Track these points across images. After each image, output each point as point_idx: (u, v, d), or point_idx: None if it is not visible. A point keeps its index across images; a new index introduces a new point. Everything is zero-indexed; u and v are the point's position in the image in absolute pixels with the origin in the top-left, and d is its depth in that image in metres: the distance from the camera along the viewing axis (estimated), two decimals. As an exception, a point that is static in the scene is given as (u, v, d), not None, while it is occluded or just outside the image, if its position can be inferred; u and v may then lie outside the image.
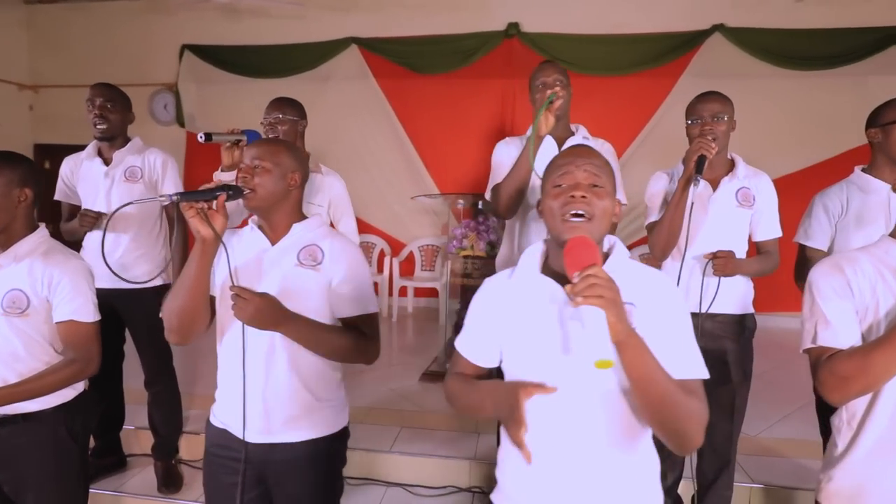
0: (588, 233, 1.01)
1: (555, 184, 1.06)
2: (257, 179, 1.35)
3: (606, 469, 1.04)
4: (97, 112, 2.18)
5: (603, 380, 1.01)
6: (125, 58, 5.79)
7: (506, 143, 2.04)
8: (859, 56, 4.73)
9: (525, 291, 1.11)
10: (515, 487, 1.11)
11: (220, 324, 1.40)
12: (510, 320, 1.11)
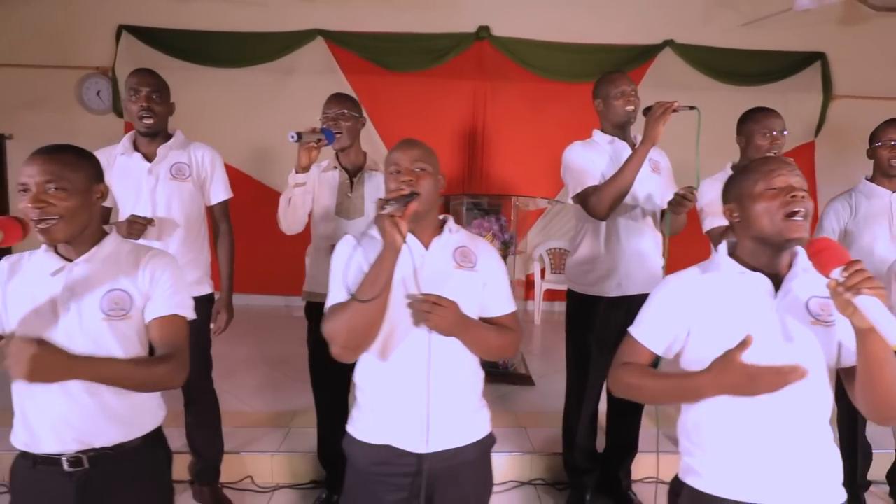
0: (806, 231, 1.12)
1: (769, 186, 1.15)
2: (423, 182, 1.31)
3: (810, 453, 1.15)
4: (143, 104, 1.93)
5: (816, 364, 1.12)
6: (43, 37, 5.11)
7: (584, 147, 2.11)
8: (783, 75, 5.39)
9: (727, 286, 1.19)
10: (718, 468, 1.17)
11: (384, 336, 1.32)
12: (712, 313, 1.18)
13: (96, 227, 1.31)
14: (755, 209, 1.15)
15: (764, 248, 1.18)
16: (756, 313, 1.15)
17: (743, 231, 1.20)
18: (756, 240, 1.18)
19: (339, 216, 2.04)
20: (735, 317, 1.16)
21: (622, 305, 2.03)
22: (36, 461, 1.22)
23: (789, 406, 1.11)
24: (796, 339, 1.13)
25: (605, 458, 2.25)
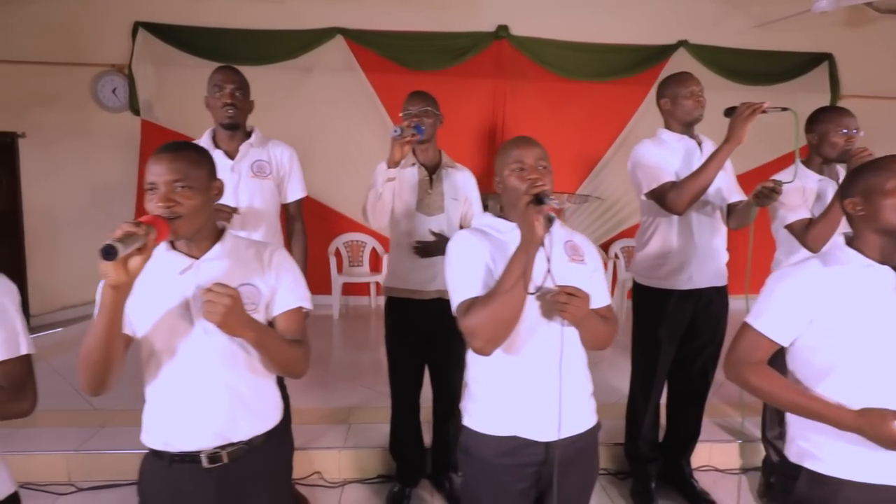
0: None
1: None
2: (546, 180, 1.34)
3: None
4: (227, 100, 1.94)
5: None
6: (56, 33, 5.01)
7: (655, 145, 2.15)
8: (792, 75, 5.54)
9: (853, 279, 1.24)
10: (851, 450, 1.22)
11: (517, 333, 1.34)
12: (837, 305, 1.23)
13: (213, 224, 1.32)
14: (885, 204, 1.21)
15: (891, 241, 1.24)
16: (882, 306, 1.21)
17: (867, 225, 1.25)
18: (883, 233, 1.24)
19: (420, 212, 2.07)
20: (860, 309, 1.21)
21: (692, 298, 2.09)
22: (172, 459, 1.23)
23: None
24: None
25: (666, 446, 2.32)
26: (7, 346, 1.23)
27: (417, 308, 2.05)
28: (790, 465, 1.34)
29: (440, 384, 2.15)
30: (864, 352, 1.21)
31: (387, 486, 2.28)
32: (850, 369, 1.22)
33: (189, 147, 1.29)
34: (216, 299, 1.08)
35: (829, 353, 1.24)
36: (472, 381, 1.44)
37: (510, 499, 1.38)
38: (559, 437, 1.32)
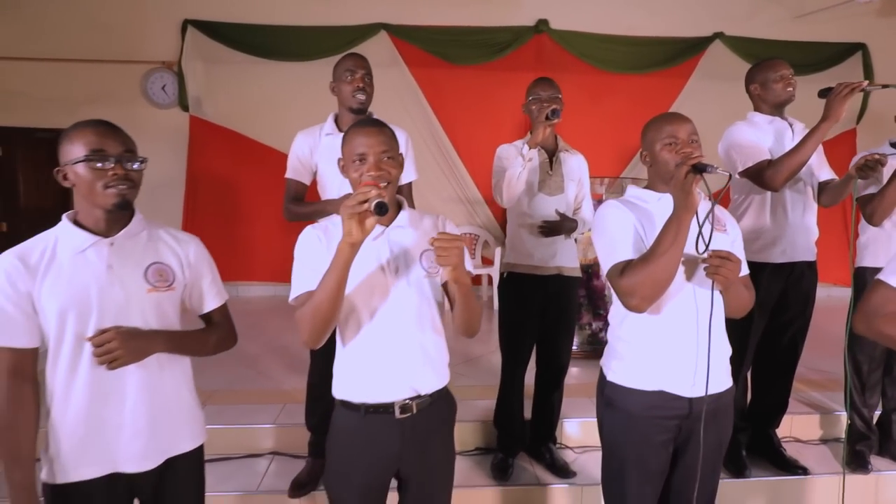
0: None
1: None
2: (699, 152, 1.43)
3: None
4: (360, 84, 2.03)
5: None
6: (108, 32, 5.13)
7: (749, 125, 2.25)
8: (827, 65, 5.61)
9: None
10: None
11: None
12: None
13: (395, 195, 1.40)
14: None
15: None
16: None
17: None
18: None
19: (542, 192, 2.16)
20: None
21: (784, 271, 2.19)
22: (367, 410, 1.32)
23: None
24: None
25: (754, 417, 2.41)
26: (220, 293, 1.43)
27: (537, 283, 2.15)
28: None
29: (549, 357, 2.24)
30: None
31: (485, 458, 2.37)
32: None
33: (384, 123, 1.38)
34: (449, 244, 1.18)
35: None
36: (618, 341, 1.54)
37: (653, 449, 1.47)
38: (706, 392, 1.42)
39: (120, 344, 1.17)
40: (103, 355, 1.17)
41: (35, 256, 1.22)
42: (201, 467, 1.42)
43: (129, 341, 1.19)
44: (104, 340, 1.17)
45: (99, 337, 1.17)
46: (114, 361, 1.18)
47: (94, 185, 1.22)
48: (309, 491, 2.12)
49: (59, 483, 1.22)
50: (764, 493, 2.27)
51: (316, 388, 2.14)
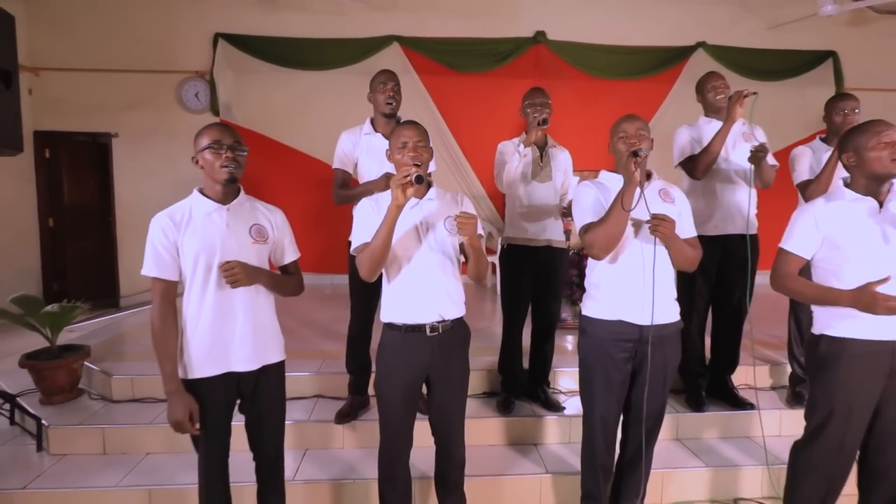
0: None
1: (881, 141, 1.80)
2: (644, 144, 1.95)
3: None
4: (390, 94, 2.55)
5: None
6: (146, 44, 5.67)
7: (688, 128, 2.80)
8: (800, 71, 6.13)
9: (847, 206, 1.84)
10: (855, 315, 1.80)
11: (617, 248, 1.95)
12: (840, 224, 1.83)
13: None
14: (869, 156, 1.81)
15: (873, 181, 1.84)
16: (865, 225, 1.80)
17: (858, 171, 1.85)
18: (868, 177, 1.84)
19: (535, 181, 2.68)
20: (852, 227, 1.81)
21: (718, 242, 2.69)
22: (406, 330, 1.84)
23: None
24: (892, 240, 1.79)
25: (712, 365, 2.92)
26: (295, 251, 1.94)
27: (530, 253, 2.67)
28: (813, 336, 1.94)
29: (542, 313, 2.75)
30: (854, 255, 1.81)
31: (492, 399, 2.88)
32: (848, 268, 1.81)
33: (418, 123, 1.90)
34: (467, 220, 1.71)
35: (835, 258, 1.84)
36: (590, 286, 2.05)
37: (614, 363, 1.98)
38: (652, 322, 1.93)
39: (240, 270, 1.69)
40: (230, 277, 1.69)
41: (178, 216, 1.75)
42: (284, 376, 1.93)
43: (246, 269, 1.71)
44: (230, 267, 1.68)
45: (227, 264, 1.69)
46: (236, 282, 1.69)
47: (214, 164, 1.74)
48: (350, 420, 2.64)
49: (189, 378, 1.74)
50: (719, 424, 2.77)
51: (355, 339, 2.66)
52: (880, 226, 1.82)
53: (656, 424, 2.10)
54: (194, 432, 1.73)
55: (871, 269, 1.79)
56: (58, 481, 2.33)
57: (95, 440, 2.57)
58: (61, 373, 2.78)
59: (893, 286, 1.72)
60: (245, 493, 1.99)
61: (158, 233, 1.72)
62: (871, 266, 1.79)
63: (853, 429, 1.87)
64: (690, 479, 2.48)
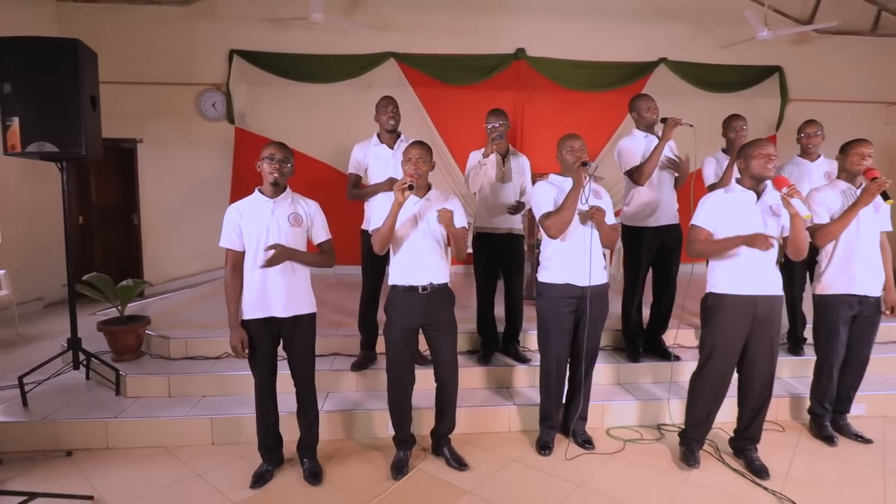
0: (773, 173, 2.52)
1: (761, 153, 2.54)
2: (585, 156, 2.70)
3: (772, 265, 2.56)
4: (391, 115, 3.27)
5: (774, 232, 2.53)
6: (168, 59, 6.35)
7: (629, 140, 3.50)
8: (750, 84, 6.93)
9: (736, 198, 2.59)
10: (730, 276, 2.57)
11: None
12: (730, 210, 2.58)
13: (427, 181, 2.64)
14: (752, 163, 2.56)
15: (754, 181, 2.58)
16: (747, 209, 2.56)
17: (745, 173, 2.59)
18: (751, 177, 2.59)
19: (498, 182, 3.41)
20: (738, 210, 2.57)
21: (660, 231, 3.44)
22: (405, 289, 2.56)
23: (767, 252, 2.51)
24: (767, 223, 2.54)
25: (648, 327, 3.67)
26: (327, 233, 2.63)
27: (495, 239, 3.40)
28: (705, 294, 2.69)
29: (509, 287, 3.48)
30: (737, 230, 2.55)
31: (473, 356, 3.62)
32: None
33: (424, 143, 2.62)
34: (444, 214, 2.45)
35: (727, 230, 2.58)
36: (545, 259, 2.79)
37: (563, 315, 2.73)
38: (589, 284, 2.68)
39: (279, 250, 2.41)
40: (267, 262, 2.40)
41: (242, 207, 2.48)
42: (314, 324, 2.62)
43: (283, 249, 2.43)
44: (273, 247, 2.40)
45: (272, 246, 2.40)
46: (275, 259, 2.41)
47: (266, 171, 2.46)
48: (362, 369, 3.36)
49: (244, 319, 2.47)
50: (651, 371, 3.53)
51: (366, 307, 3.38)
52: (754, 212, 2.57)
53: (593, 359, 2.87)
54: (244, 356, 2.46)
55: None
56: (139, 413, 3.04)
57: (162, 385, 3.27)
58: (130, 336, 3.48)
59: (760, 254, 2.48)
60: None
61: (229, 218, 2.45)
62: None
63: (729, 358, 2.64)
64: (625, 409, 3.23)
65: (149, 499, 2.45)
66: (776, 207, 2.54)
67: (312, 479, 2.58)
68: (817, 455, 2.90)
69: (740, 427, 2.78)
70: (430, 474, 2.67)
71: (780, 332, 2.69)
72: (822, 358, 3.00)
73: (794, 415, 3.33)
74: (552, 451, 2.87)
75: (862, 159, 2.87)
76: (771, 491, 2.52)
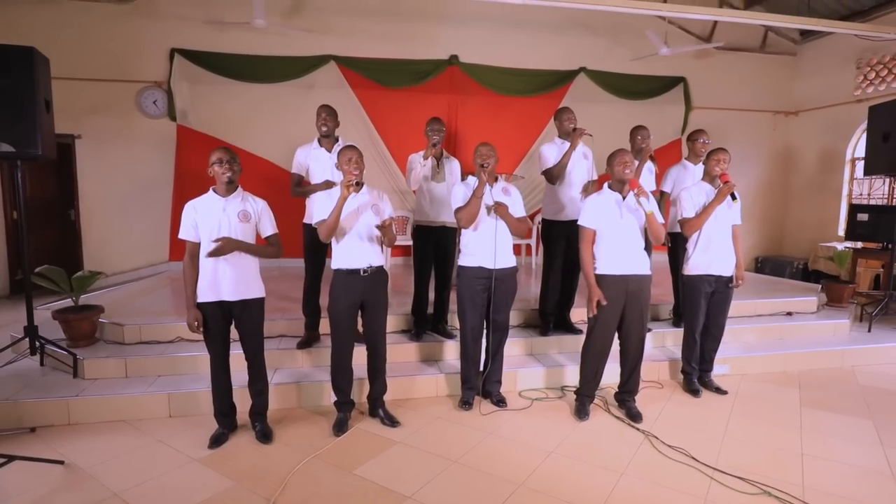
0: (630, 177, 3.14)
1: (621, 161, 3.16)
2: (490, 161, 3.25)
3: (640, 251, 3.19)
4: (323, 121, 3.67)
5: (635, 223, 3.16)
6: (107, 56, 6.42)
7: (550, 145, 4.07)
8: (659, 93, 7.75)
9: (605, 198, 3.20)
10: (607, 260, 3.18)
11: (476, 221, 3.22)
12: (603, 209, 3.19)
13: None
14: (614, 170, 3.16)
15: (617, 183, 3.19)
16: (613, 209, 3.16)
17: (613, 177, 3.20)
18: (615, 180, 3.20)
19: (433, 181, 3.88)
20: (608, 210, 3.17)
21: (565, 225, 4.03)
22: (348, 273, 3.00)
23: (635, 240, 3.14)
24: (627, 215, 3.16)
25: (558, 306, 4.27)
26: (273, 227, 2.99)
27: (431, 230, 3.87)
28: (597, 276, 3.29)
29: (440, 271, 3.97)
30: (606, 225, 3.16)
31: (406, 334, 4.10)
32: (603, 231, 3.17)
33: (356, 147, 3.05)
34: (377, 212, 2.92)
35: (601, 229, 3.19)
36: (463, 246, 3.31)
37: (476, 293, 3.27)
38: (495, 267, 3.22)
39: (224, 242, 2.79)
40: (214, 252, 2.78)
41: (199, 204, 2.84)
42: (262, 309, 3.00)
43: (228, 241, 2.80)
44: (219, 240, 2.78)
45: (218, 239, 2.78)
46: (219, 250, 2.78)
47: (219, 173, 2.84)
48: (307, 347, 3.77)
49: (199, 301, 2.84)
50: (558, 343, 4.14)
51: (310, 290, 3.79)
52: (619, 208, 3.18)
53: (505, 332, 3.42)
54: (199, 333, 2.84)
55: (613, 233, 3.15)
56: (99, 391, 3.33)
57: (119, 367, 3.56)
58: (86, 323, 3.72)
59: (626, 237, 3.10)
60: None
61: (187, 213, 2.82)
62: (613, 231, 3.15)
63: (610, 325, 3.25)
64: (535, 374, 3.81)
65: (117, 461, 2.78)
66: (634, 204, 3.16)
67: (264, 439, 2.99)
68: (684, 404, 3.58)
69: (622, 382, 3.41)
70: (367, 430, 3.14)
71: (650, 303, 3.32)
72: (688, 325, 3.69)
73: (672, 375, 4.02)
74: (472, 407, 3.40)
75: (718, 163, 3.55)
76: (641, 430, 3.16)
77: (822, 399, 3.69)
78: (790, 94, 8.30)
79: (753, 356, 4.21)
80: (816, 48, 7.96)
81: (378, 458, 2.82)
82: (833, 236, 7.56)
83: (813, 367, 4.29)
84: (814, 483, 2.60)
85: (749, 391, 3.81)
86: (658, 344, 4.30)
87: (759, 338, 4.55)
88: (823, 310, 5.22)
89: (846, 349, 4.39)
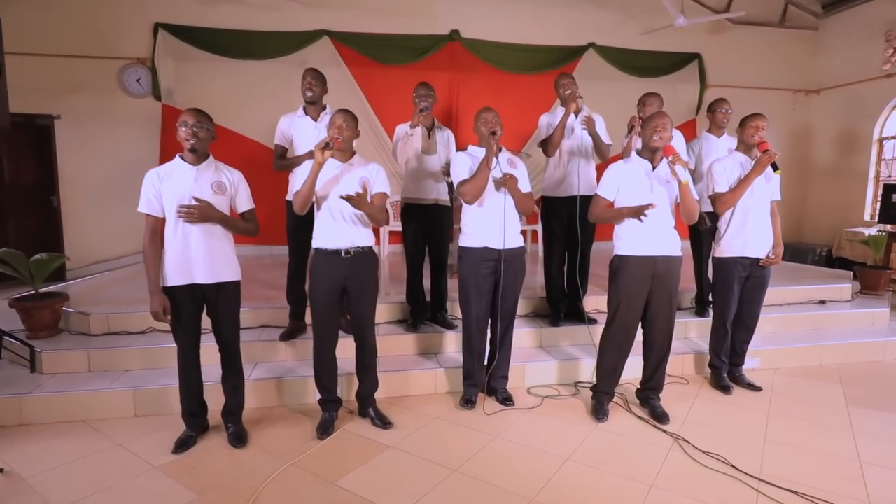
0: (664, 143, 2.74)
1: (653, 128, 2.74)
2: (497, 126, 2.83)
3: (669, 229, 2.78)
4: (308, 85, 3.27)
5: (666, 197, 2.76)
6: (86, 31, 6.03)
7: (548, 115, 3.69)
8: (672, 70, 7.30)
9: (633, 167, 2.81)
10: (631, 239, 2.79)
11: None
12: (627, 178, 2.79)
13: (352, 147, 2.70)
14: (645, 134, 2.76)
15: (649, 151, 2.79)
16: (642, 177, 2.77)
17: (644, 144, 2.80)
18: (646, 148, 2.80)
19: (424, 154, 3.49)
20: (634, 178, 2.78)
21: (568, 201, 3.62)
22: (328, 253, 2.62)
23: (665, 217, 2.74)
24: (655, 189, 2.76)
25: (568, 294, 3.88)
26: (250, 202, 2.63)
27: (422, 209, 3.48)
28: (612, 257, 2.90)
29: (435, 255, 3.58)
30: (631, 195, 2.76)
31: (403, 324, 3.72)
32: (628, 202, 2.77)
33: (349, 111, 2.66)
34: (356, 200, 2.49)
35: (623, 199, 2.80)
36: (465, 225, 2.91)
37: (482, 277, 2.87)
38: (504, 247, 2.83)
39: (203, 204, 2.41)
40: (186, 216, 2.40)
41: (162, 172, 2.45)
42: (238, 293, 2.64)
43: (209, 208, 2.43)
44: (188, 207, 2.39)
45: (184, 206, 2.39)
46: (191, 216, 2.40)
47: (182, 138, 2.44)
48: (291, 339, 3.39)
49: (166, 286, 2.46)
50: (570, 334, 3.75)
51: (293, 277, 3.40)
52: (649, 179, 2.78)
53: (512, 320, 3.03)
54: (166, 321, 2.46)
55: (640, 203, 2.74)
56: (56, 388, 2.96)
57: (81, 361, 3.19)
58: (46, 312, 3.35)
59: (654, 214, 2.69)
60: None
61: (148, 183, 2.42)
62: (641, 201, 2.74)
63: (633, 313, 2.85)
64: (545, 369, 3.42)
65: (64, 468, 2.41)
66: (668, 176, 2.75)
67: (237, 443, 2.62)
68: (714, 402, 3.19)
69: (645, 378, 3.02)
70: (355, 433, 2.76)
71: (678, 289, 2.92)
72: (719, 314, 3.29)
73: (698, 370, 3.63)
74: (475, 406, 3.02)
75: (756, 131, 3.14)
76: (669, 433, 2.77)
77: (868, 396, 3.29)
78: (811, 71, 7.84)
79: (786, 348, 3.81)
80: (840, 21, 7.49)
81: (366, 466, 2.44)
82: (859, 221, 7.12)
83: (852, 359, 3.89)
84: (881, 497, 2.20)
85: (785, 387, 3.41)
86: (681, 335, 3.90)
87: (789, 328, 4.15)
88: (858, 298, 4.80)
89: (888, 340, 3.98)
